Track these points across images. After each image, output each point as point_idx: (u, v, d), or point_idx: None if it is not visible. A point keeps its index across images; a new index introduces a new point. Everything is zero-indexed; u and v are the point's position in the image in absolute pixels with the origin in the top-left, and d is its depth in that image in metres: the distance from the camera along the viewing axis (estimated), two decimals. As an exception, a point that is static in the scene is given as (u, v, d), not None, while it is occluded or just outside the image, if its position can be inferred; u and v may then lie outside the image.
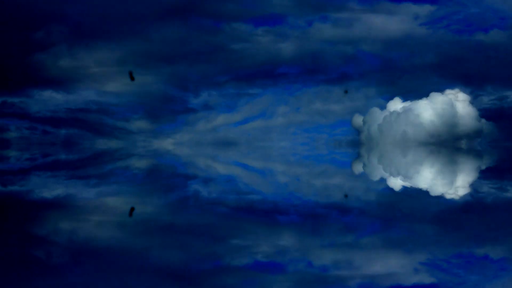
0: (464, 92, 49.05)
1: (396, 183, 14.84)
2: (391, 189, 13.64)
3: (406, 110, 47.88)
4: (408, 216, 9.46)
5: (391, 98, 50.12)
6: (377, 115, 49.05)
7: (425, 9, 53.48)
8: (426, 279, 5.51)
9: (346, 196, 9.45)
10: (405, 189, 13.62)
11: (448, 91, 49.32)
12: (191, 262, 5.99)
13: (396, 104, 49.44)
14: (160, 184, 15.63)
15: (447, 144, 48.27)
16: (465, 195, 12.14)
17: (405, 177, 16.01)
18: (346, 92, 44.95)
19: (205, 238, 7.36)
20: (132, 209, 8.61)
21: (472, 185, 14.52)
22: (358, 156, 33.47)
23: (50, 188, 13.28)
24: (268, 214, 9.58)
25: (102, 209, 9.93)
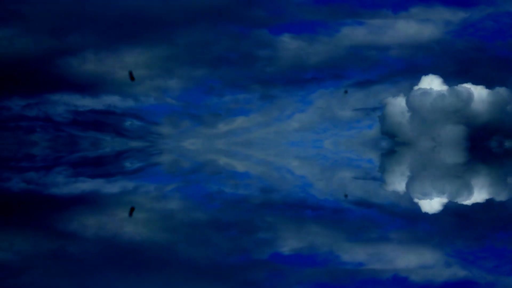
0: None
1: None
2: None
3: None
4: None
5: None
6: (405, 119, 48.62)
7: (458, 16, 53.06)
8: (459, 272, 5.41)
9: (346, 196, 9.36)
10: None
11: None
12: (217, 257, 5.95)
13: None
14: (184, 182, 15.69)
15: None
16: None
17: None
18: (346, 92, 44.84)
19: (231, 233, 7.32)
20: (132, 209, 8.49)
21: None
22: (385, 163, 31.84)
23: (74, 185, 13.44)
24: (294, 209, 9.53)
25: (127, 205, 10.00)
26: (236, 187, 13.74)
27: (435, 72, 48.18)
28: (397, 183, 15.17)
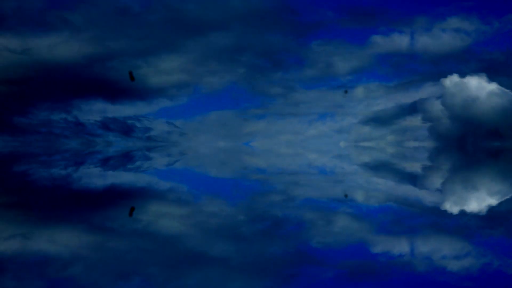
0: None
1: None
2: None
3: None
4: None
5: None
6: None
7: (492, 26, 52.72)
8: (494, 261, 5.44)
9: (346, 196, 9.34)
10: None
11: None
12: (251, 251, 6.03)
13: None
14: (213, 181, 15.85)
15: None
16: None
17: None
18: (346, 92, 44.48)
19: (267, 230, 7.40)
20: (132, 209, 8.40)
21: None
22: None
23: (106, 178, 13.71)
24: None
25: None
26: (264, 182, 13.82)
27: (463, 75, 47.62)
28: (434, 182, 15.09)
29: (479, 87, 46.69)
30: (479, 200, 10.11)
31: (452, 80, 47.45)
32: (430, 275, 5.09)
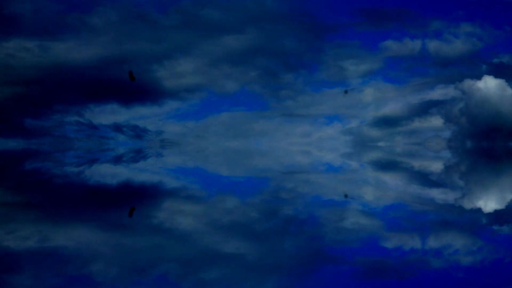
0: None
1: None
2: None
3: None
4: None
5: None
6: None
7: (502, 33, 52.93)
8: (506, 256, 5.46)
9: (346, 196, 9.36)
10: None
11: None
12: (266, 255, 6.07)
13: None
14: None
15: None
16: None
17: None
18: (346, 92, 44.27)
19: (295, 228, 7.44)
20: (132, 209, 8.33)
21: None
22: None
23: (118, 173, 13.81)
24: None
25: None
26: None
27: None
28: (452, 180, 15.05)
29: (496, 89, 46.55)
30: (493, 198, 10.11)
31: (468, 82, 47.37)
32: (445, 271, 5.11)
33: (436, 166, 22.67)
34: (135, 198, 10.52)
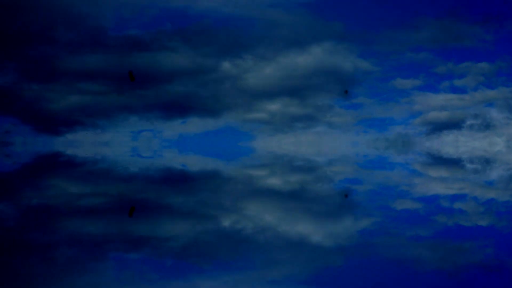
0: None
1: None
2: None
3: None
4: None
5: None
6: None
7: None
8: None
9: (346, 196, 9.58)
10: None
11: None
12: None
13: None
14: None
15: None
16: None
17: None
18: (346, 92, 43.52)
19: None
20: (133, 208, 7.89)
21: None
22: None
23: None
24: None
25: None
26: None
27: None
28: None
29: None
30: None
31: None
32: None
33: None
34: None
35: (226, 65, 46.35)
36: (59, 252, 4.98)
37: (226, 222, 6.62)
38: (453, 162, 22.30)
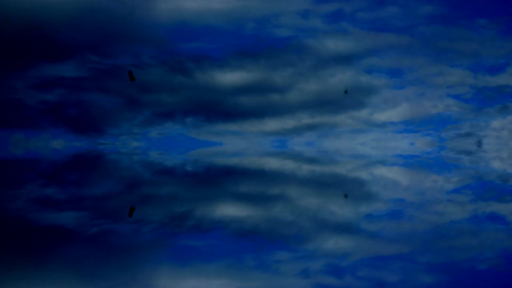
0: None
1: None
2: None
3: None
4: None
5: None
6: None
7: None
8: None
9: (346, 196, 9.17)
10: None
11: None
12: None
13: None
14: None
15: None
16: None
17: None
18: (346, 92, 42.49)
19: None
20: (132, 208, 7.80)
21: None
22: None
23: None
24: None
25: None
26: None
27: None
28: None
29: None
30: None
31: None
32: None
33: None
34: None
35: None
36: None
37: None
38: None
